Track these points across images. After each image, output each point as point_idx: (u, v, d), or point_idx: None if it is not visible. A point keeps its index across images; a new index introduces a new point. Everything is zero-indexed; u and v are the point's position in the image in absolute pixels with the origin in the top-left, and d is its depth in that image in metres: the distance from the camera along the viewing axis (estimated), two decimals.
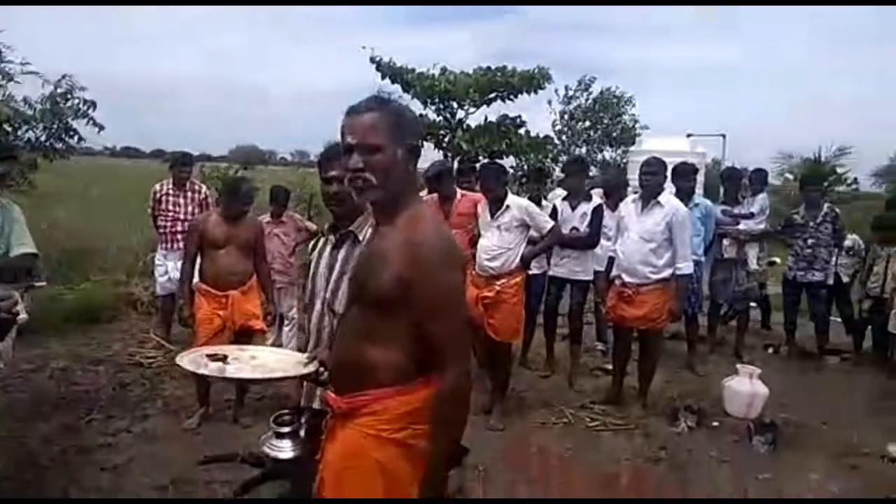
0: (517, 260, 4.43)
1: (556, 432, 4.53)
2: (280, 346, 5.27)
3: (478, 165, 10.68)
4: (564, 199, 5.57)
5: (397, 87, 11.41)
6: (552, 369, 5.60)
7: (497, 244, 4.42)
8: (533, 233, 4.57)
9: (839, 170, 19.07)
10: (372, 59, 11.31)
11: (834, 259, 6.42)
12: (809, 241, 6.22)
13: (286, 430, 2.42)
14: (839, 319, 6.86)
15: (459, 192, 5.03)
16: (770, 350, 6.74)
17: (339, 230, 2.31)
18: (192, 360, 2.03)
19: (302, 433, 2.41)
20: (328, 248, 2.35)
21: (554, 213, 5.36)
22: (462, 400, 1.73)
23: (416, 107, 11.63)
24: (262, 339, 5.25)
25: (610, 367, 5.33)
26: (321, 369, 2.00)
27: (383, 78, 11.36)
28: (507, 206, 4.46)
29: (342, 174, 1.84)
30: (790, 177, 18.48)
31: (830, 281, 6.32)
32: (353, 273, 1.88)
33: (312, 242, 2.52)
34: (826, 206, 6.36)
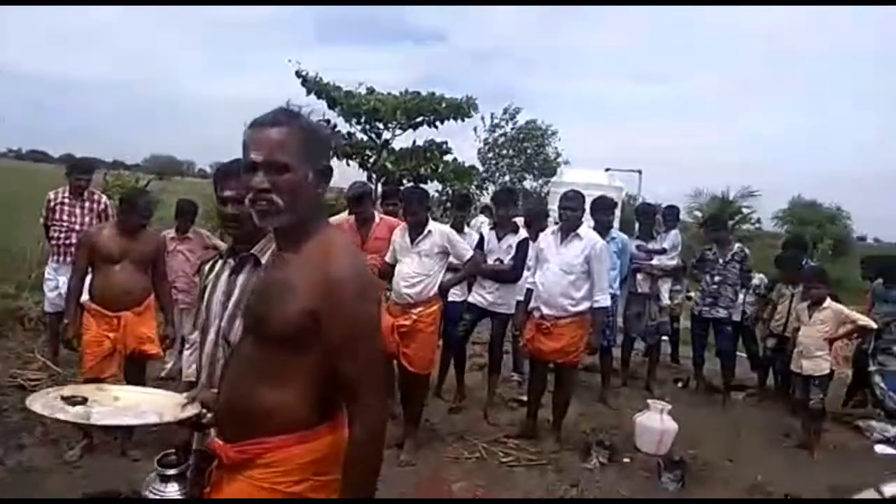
0: (435, 288, 4.31)
1: (469, 468, 4.40)
2: (180, 370, 4.94)
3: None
4: (492, 228, 5.50)
5: (323, 104, 11.26)
6: (461, 401, 5.41)
7: (417, 270, 4.28)
8: (453, 260, 4.48)
9: (745, 210, 20.12)
10: (298, 73, 11.12)
11: (741, 297, 6.62)
12: (716, 279, 6.38)
13: (172, 472, 2.19)
14: (745, 355, 7.08)
15: (378, 215, 4.90)
16: (679, 384, 6.87)
17: (238, 253, 2.10)
18: (46, 403, 1.73)
19: (190, 475, 2.19)
20: (226, 272, 2.13)
21: (481, 242, 5.29)
22: (379, 445, 1.56)
23: (341, 125, 11.47)
24: (160, 364, 4.91)
25: (526, 398, 5.26)
26: (204, 411, 1.77)
27: (309, 93, 11.19)
28: (429, 232, 4.34)
29: (240, 194, 1.65)
30: (699, 214, 19.31)
31: (736, 318, 6.48)
32: (249, 303, 1.68)
33: (209, 264, 2.29)
34: (737, 245, 6.52)
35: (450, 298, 5.15)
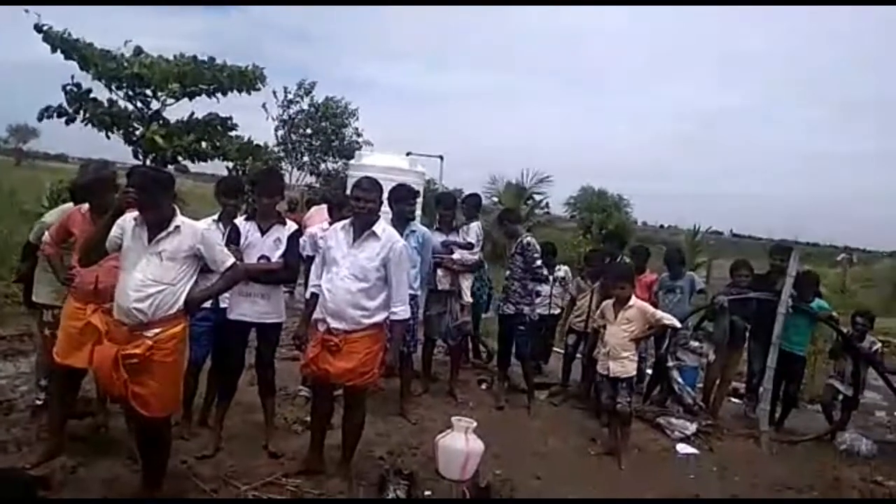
0: (179, 302, 3.23)
1: None
2: None
3: (171, 168, 9.12)
4: (249, 218, 4.37)
5: (74, 65, 9.40)
6: (216, 450, 4.26)
7: (152, 277, 3.17)
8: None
9: (537, 196, 20.74)
10: (38, 28, 9.11)
11: (546, 290, 6.35)
12: (506, 273, 5.96)
13: None
14: (561, 351, 6.78)
15: None
16: (483, 386, 6.43)
17: None
18: None
19: None
20: None
21: (235, 235, 4.21)
22: None
23: (99, 90, 9.67)
24: None
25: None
26: None
27: (54, 51, 9.26)
28: (176, 228, 3.28)
29: None
30: (496, 199, 19.57)
31: (529, 313, 5.84)
32: None
33: None
34: (525, 237, 5.90)
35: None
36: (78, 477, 3.73)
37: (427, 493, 4.02)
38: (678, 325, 5.10)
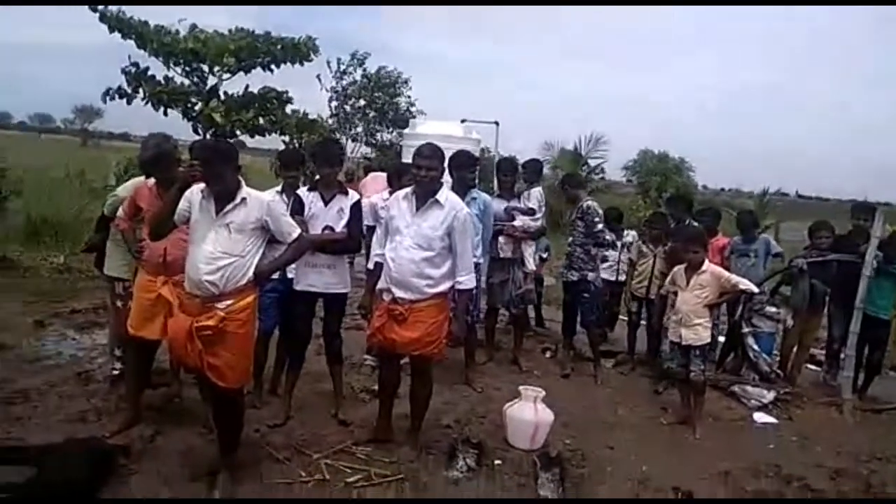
0: (249, 273, 3.23)
1: (306, 495, 3.48)
2: None
3: (231, 142, 9.20)
4: (312, 189, 4.34)
5: (130, 44, 9.53)
6: (286, 419, 4.31)
7: (223, 250, 3.17)
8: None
9: (592, 162, 20.30)
10: (93, 8, 9.23)
11: (615, 255, 6.21)
12: (569, 239, 5.82)
13: None
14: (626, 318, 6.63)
15: None
16: (548, 354, 6.34)
17: None
18: None
19: None
20: None
21: (299, 206, 4.18)
22: None
23: (156, 67, 9.78)
24: None
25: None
26: None
27: (111, 31, 9.39)
28: (243, 200, 3.26)
29: None
30: (553, 165, 19.27)
31: (593, 279, 5.74)
32: None
33: None
34: (586, 202, 5.74)
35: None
36: (155, 446, 3.81)
37: (497, 462, 3.97)
38: (756, 290, 4.87)
